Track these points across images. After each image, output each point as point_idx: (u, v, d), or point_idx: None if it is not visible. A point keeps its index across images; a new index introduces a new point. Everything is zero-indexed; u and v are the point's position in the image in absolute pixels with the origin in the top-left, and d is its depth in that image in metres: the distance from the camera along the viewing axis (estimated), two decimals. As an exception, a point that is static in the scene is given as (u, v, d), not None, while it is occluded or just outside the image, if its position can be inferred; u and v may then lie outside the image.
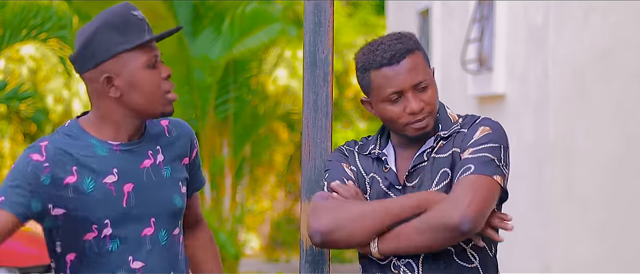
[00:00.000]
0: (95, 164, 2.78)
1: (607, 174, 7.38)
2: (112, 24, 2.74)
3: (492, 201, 2.67)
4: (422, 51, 2.78)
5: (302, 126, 3.00)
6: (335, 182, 2.79)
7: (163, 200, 2.86)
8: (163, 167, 2.88)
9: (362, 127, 17.15)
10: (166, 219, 2.87)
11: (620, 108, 7.38)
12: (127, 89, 2.76)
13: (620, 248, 7.36)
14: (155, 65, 2.78)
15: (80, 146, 2.78)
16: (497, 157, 2.70)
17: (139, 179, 2.82)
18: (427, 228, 2.65)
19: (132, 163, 2.81)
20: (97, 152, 2.79)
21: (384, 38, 2.77)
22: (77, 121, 2.84)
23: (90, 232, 2.78)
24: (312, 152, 2.99)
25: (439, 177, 2.75)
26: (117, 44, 2.73)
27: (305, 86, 2.99)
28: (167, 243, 2.87)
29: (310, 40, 2.99)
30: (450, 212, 2.62)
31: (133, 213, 2.80)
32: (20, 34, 8.22)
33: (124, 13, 2.76)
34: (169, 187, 2.88)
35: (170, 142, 2.92)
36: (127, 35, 2.74)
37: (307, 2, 2.99)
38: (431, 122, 2.76)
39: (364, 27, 17.36)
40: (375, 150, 2.84)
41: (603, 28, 7.39)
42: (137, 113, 2.80)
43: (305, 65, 3.00)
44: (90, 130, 2.81)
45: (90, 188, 2.76)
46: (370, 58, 2.75)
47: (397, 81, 2.72)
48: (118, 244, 2.80)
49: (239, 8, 11.09)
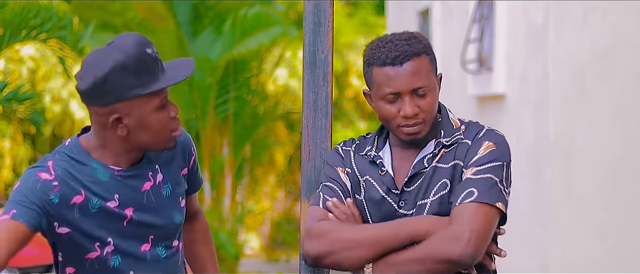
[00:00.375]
0: (97, 187, 2.78)
1: (607, 174, 7.38)
2: (127, 66, 2.68)
3: (492, 230, 2.66)
4: (430, 56, 2.75)
5: (302, 126, 3.00)
6: (331, 202, 2.79)
7: (162, 219, 2.88)
8: (163, 187, 2.89)
9: (362, 127, 17.15)
10: (165, 236, 2.90)
11: (620, 108, 7.38)
12: (134, 129, 2.75)
13: (620, 248, 7.36)
14: (165, 105, 2.76)
15: (83, 169, 2.78)
16: (499, 179, 2.69)
17: (139, 203, 2.83)
18: (425, 260, 2.64)
19: (132, 189, 2.82)
20: (99, 176, 2.79)
21: (395, 36, 2.76)
22: (78, 140, 2.83)
23: (93, 251, 2.80)
24: (312, 152, 2.99)
25: (438, 187, 2.73)
26: (132, 88, 2.69)
27: (305, 86, 2.99)
28: (166, 255, 2.91)
29: (310, 40, 2.99)
30: (450, 247, 2.61)
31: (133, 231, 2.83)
32: (20, 34, 8.21)
33: (139, 53, 2.70)
34: (169, 206, 2.90)
35: (168, 159, 2.92)
36: (142, 79, 2.70)
37: (307, 2, 2.99)
38: (424, 130, 2.74)
39: (364, 27, 17.36)
40: (371, 152, 2.83)
41: (603, 28, 7.38)
42: (140, 148, 2.81)
43: (305, 65, 3.00)
44: (91, 152, 2.81)
45: (96, 208, 2.78)
46: (376, 54, 2.74)
47: (396, 82, 2.71)
48: (120, 260, 2.82)
49: (242, 10, 11.10)
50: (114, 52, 2.69)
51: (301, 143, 3.01)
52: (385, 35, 2.78)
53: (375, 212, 2.79)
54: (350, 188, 2.83)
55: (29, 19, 8.20)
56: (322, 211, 2.78)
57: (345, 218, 2.77)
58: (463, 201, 2.65)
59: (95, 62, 2.70)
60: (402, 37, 2.75)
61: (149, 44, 2.75)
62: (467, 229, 2.61)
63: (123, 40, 2.72)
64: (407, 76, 2.70)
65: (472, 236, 2.61)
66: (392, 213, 2.76)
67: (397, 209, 2.76)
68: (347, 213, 2.78)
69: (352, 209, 2.80)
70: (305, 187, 2.98)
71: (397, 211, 2.76)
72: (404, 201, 2.76)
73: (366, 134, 2.92)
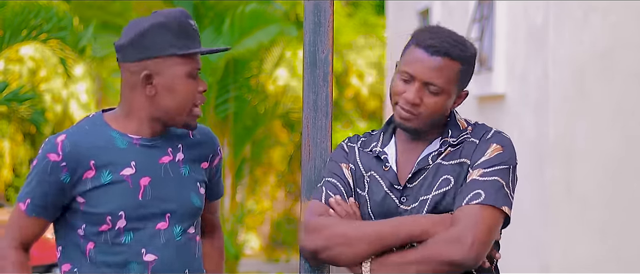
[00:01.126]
0: (113, 156, 2.81)
1: (607, 174, 7.38)
2: (168, 25, 2.78)
3: (496, 234, 2.66)
4: (464, 67, 2.72)
5: (302, 126, 3.00)
6: (334, 199, 2.79)
7: (180, 197, 2.88)
8: (182, 166, 2.90)
9: (362, 127, 17.15)
10: (181, 216, 2.89)
11: (620, 108, 7.38)
12: (162, 91, 2.80)
13: (620, 247, 7.36)
14: (196, 77, 2.82)
15: (99, 137, 2.82)
16: (505, 183, 2.70)
17: (156, 173, 2.84)
18: (427, 261, 2.63)
19: (150, 157, 2.84)
20: (117, 144, 2.82)
21: (449, 32, 2.75)
22: (102, 113, 2.88)
23: (105, 224, 2.81)
24: (312, 152, 2.99)
25: (440, 183, 2.73)
26: (170, 46, 2.77)
27: (305, 86, 3.00)
28: (181, 239, 2.89)
29: (310, 40, 3.00)
30: (452, 249, 2.61)
31: (148, 206, 2.83)
32: (21, 35, 8.21)
33: (181, 18, 2.80)
34: (187, 185, 2.90)
35: (192, 143, 2.95)
36: (180, 40, 2.78)
37: (307, 2, 2.99)
38: (417, 123, 2.73)
39: (364, 27, 17.37)
40: (376, 148, 2.83)
41: (603, 28, 7.39)
42: (163, 115, 2.83)
43: (305, 65, 3.00)
44: (112, 123, 2.85)
45: (108, 180, 2.80)
46: (421, 34, 2.74)
47: (417, 66, 2.70)
48: (131, 237, 2.83)
49: (239, 8, 11.10)
50: (157, 15, 2.80)
51: (301, 143, 3.01)
52: (440, 27, 2.78)
53: (377, 207, 2.79)
54: (352, 185, 2.83)
55: (30, 19, 8.20)
56: (323, 206, 2.78)
57: (345, 216, 2.77)
58: (469, 202, 2.65)
59: (137, 22, 2.81)
60: (453, 36, 2.74)
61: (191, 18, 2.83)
62: (470, 232, 2.61)
63: (168, 9, 2.84)
64: (429, 67, 2.70)
65: (476, 240, 2.61)
66: (393, 208, 2.76)
67: (398, 205, 2.76)
68: (348, 211, 2.78)
69: (353, 208, 2.80)
70: (305, 187, 2.98)
71: (399, 207, 2.76)
72: (406, 197, 2.76)
73: (372, 131, 2.93)
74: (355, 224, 2.72)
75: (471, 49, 2.75)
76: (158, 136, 2.87)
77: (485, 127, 2.80)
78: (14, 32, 8.11)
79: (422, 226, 2.67)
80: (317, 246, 2.72)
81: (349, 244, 2.69)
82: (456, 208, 2.67)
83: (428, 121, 2.74)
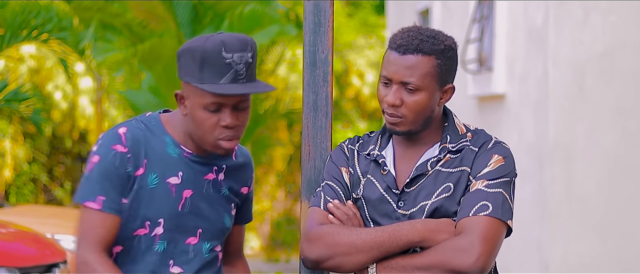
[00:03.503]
0: (164, 162, 2.79)
1: (607, 174, 7.38)
2: (195, 54, 2.71)
3: (500, 245, 2.68)
4: (440, 60, 2.72)
5: (302, 126, 3.00)
6: (332, 204, 2.79)
7: (214, 216, 2.87)
8: (223, 186, 2.89)
9: (362, 127, 17.15)
10: (212, 234, 2.88)
11: (620, 108, 7.38)
12: (189, 114, 2.78)
13: (620, 248, 7.36)
14: (219, 110, 2.74)
15: (155, 139, 2.80)
16: (508, 195, 2.71)
17: (199, 188, 2.83)
18: (433, 268, 2.65)
19: (196, 172, 2.83)
20: (169, 151, 2.81)
21: (421, 29, 2.75)
22: (159, 115, 2.87)
23: (142, 228, 2.78)
24: (312, 152, 2.99)
25: (441, 190, 2.73)
26: (190, 75, 2.72)
27: (305, 86, 3.00)
28: (209, 256, 2.88)
29: (310, 40, 3.00)
30: (460, 258, 2.62)
31: (185, 218, 2.81)
32: (21, 35, 8.21)
33: (213, 50, 2.70)
34: (223, 205, 2.89)
35: (235, 166, 2.93)
36: (203, 72, 2.70)
37: (307, 2, 2.99)
38: (404, 126, 2.74)
39: (364, 27, 17.35)
40: (374, 151, 2.83)
41: (603, 28, 7.39)
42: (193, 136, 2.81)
43: (305, 65, 3.00)
44: (168, 128, 2.83)
45: (154, 184, 2.78)
46: (394, 37, 2.75)
47: (391, 68, 2.71)
48: (165, 246, 2.81)
49: (238, 9, 11.11)
50: (200, 39, 2.74)
51: (301, 143, 3.01)
52: (414, 26, 2.78)
53: (374, 211, 2.79)
54: (350, 188, 2.83)
55: (30, 19, 8.20)
56: (323, 213, 2.79)
57: (346, 219, 2.77)
58: (477, 213, 2.66)
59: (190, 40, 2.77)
60: (425, 32, 2.74)
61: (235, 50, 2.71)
62: (478, 243, 2.63)
63: (215, 35, 2.75)
64: (402, 67, 2.70)
65: (484, 251, 2.63)
66: (390, 212, 2.77)
67: (395, 209, 2.76)
68: (348, 214, 2.78)
69: (353, 210, 2.80)
70: (305, 187, 2.98)
71: (396, 211, 2.76)
72: (403, 202, 2.76)
73: (370, 133, 2.92)
74: (356, 232, 2.72)
75: (446, 41, 2.73)
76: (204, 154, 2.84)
77: (485, 135, 2.80)
78: (14, 32, 8.12)
79: (420, 233, 2.68)
80: (319, 256, 2.73)
81: (350, 253, 2.70)
82: (461, 217, 2.68)
83: (415, 121, 2.73)
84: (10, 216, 8.96)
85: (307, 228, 2.77)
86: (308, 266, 2.77)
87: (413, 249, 2.70)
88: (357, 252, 2.69)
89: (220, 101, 2.73)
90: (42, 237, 7.53)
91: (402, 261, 2.68)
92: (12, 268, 6.69)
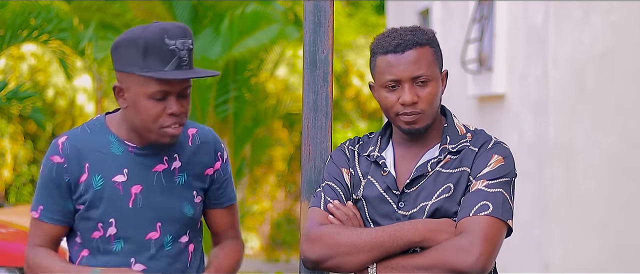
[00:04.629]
0: (108, 162, 2.79)
1: (607, 173, 7.38)
2: (137, 43, 2.69)
3: (500, 245, 2.68)
4: (434, 49, 2.76)
5: (302, 126, 3.00)
6: (333, 204, 2.79)
7: (171, 206, 2.86)
8: (177, 174, 2.87)
9: (362, 127, 17.15)
10: (173, 225, 2.86)
11: (620, 108, 7.38)
12: (130, 106, 2.77)
13: (620, 248, 7.36)
14: (164, 98, 2.73)
15: (97, 142, 2.81)
16: (508, 195, 2.71)
17: (148, 182, 2.82)
18: (434, 267, 2.65)
19: (143, 166, 2.82)
20: (112, 150, 2.81)
21: (401, 28, 2.78)
22: (105, 116, 2.87)
23: (96, 231, 2.80)
24: (312, 152, 2.99)
25: (441, 191, 2.74)
26: (132, 64, 2.71)
27: (305, 86, 3.00)
28: (172, 249, 2.87)
29: (310, 40, 3.00)
30: (461, 258, 2.63)
31: (139, 214, 2.81)
32: (21, 35, 8.21)
33: (155, 38, 2.69)
34: (180, 194, 2.87)
35: (191, 151, 2.91)
36: (146, 61, 2.69)
37: (307, 2, 2.99)
38: (423, 121, 2.74)
39: (364, 27, 17.35)
40: (374, 152, 2.83)
41: (603, 28, 7.38)
42: (136, 129, 2.80)
43: (305, 65, 3.00)
44: (112, 127, 2.84)
45: (99, 186, 2.79)
46: (380, 43, 2.76)
47: (396, 69, 2.72)
48: (122, 245, 2.81)
49: (239, 9, 11.11)
50: (139, 28, 2.73)
51: (301, 143, 3.01)
52: (392, 28, 2.80)
53: (374, 212, 2.79)
54: (351, 189, 2.83)
55: (30, 19, 8.19)
56: (323, 213, 2.79)
57: (346, 220, 2.77)
58: (477, 213, 2.66)
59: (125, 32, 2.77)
60: (408, 28, 2.77)
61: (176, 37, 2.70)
62: (479, 243, 2.63)
63: (154, 23, 2.74)
64: (408, 63, 2.71)
65: (484, 251, 2.63)
66: (391, 213, 2.77)
67: (396, 210, 2.77)
68: (348, 215, 2.78)
69: (353, 210, 2.80)
70: (305, 187, 2.98)
71: (396, 212, 2.76)
72: (404, 202, 2.76)
73: (370, 134, 2.92)
74: (356, 232, 2.72)
75: (429, 30, 2.79)
76: (153, 144, 2.83)
77: (484, 135, 2.80)
78: (14, 32, 8.11)
79: (420, 233, 2.68)
80: (319, 256, 2.73)
81: (351, 253, 2.70)
82: (462, 217, 2.68)
83: (432, 113, 2.75)
84: (10, 216, 8.97)
85: (307, 229, 2.77)
86: (308, 266, 2.76)
87: (413, 249, 2.70)
88: (357, 252, 2.69)
89: (166, 89, 2.72)
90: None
91: (403, 261, 2.68)
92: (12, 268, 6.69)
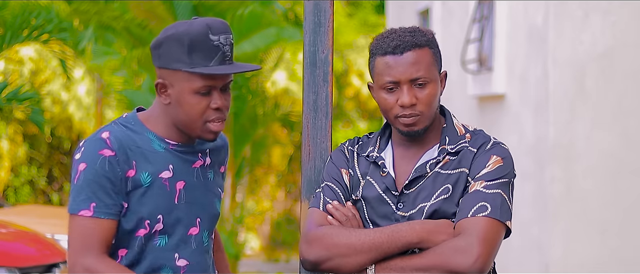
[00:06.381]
0: (153, 158, 2.79)
1: (607, 173, 7.38)
2: (181, 39, 2.71)
3: (499, 246, 2.68)
4: (433, 50, 2.76)
5: (302, 126, 3.00)
6: (332, 205, 2.79)
7: (207, 202, 2.89)
8: (208, 170, 2.90)
9: (362, 127, 17.16)
10: (209, 221, 2.90)
11: (620, 108, 7.38)
12: (174, 102, 2.77)
13: (620, 248, 7.36)
14: (209, 93, 2.75)
15: (138, 138, 2.80)
16: (507, 196, 2.71)
17: (190, 178, 2.84)
18: (432, 268, 2.65)
19: (185, 162, 2.84)
20: (155, 147, 2.80)
21: (400, 28, 2.77)
22: (136, 114, 2.86)
23: (142, 228, 2.78)
24: (312, 152, 2.99)
25: (440, 192, 2.74)
26: (177, 61, 2.72)
27: (305, 86, 3.00)
28: (207, 244, 2.90)
29: (310, 40, 3.00)
30: (459, 259, 2.62)
31: (182, 210, 2.82)
32: (21, 35, 8.21)
33: (200, 34, 2.71)
34: (212, 189, 2.91)
35: (216, 148, 2.95)
36: (191, 57, 2.71)
37: (307, 2, 2.99)
38: (422, 123, 2.74)
39: (364, 27, 17.36)
40: (373, 153, 2.83)
41: (603, 28, 7.38)
42: (179, 125, 2.80)
43: (305, 65, 3.00)
44: (148, 124, 2.83)
45: (147, 182, 2.78)
46: (379, 44, 2.75)
47: (395, 71, 2.71)
48: (166, 241, 2.81)
49: (238, 10, 11.11)
50: (182, 24, 2.74)
51: (301, 143, 3.01)
52: (392, 28, 2.80)
53: (373, 212, 2.79)
54: (350, 190, 2.83)
55: (30, 20, 8.19)
56: (322, 214, 2.79)
57: (345, 220, 2.77)
58: (475, 214, 2.66)
59: (166, 28, 2.76)
60: (407, 29, 2.77)
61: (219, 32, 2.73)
62: (477, 244, 2.63)
63: (197, 19, 2.76)
64: (407, 65, 2.71)
65: (482, 252, 2.63)
66: (389, 213, 2.77)
67: (395, 211, 2.77)
68: (347, 216, 2.78)
69: (352, 211, 2.80)
70: (305, 187, 2.98)
71: (395, 213, 2.76)
72: (403, 203, 2.76)
73: (369, 134, 2.92)
74: (354, 233, 2.72)
75: (429, 31, 2.78)
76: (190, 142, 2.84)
77: (484, 135, 2.80)
78: (14, 32, 8.11)
79: (419, 234, 2.68)
80: (317, 257, 2.73)
81: (349, 254, 2.70)
82: (460, 218, 2.68)
83: (430, 115, 2.75)
84: (10, 216, 8.97)
85: (306, 229, 2.77)
86: (307, 267, 2.76)
87: (412, 250, 2.70)
88: (355, 253, 2.69)
89: (211, 83, 2.73)
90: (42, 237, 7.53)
91: (401, 262, 2.68)
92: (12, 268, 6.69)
